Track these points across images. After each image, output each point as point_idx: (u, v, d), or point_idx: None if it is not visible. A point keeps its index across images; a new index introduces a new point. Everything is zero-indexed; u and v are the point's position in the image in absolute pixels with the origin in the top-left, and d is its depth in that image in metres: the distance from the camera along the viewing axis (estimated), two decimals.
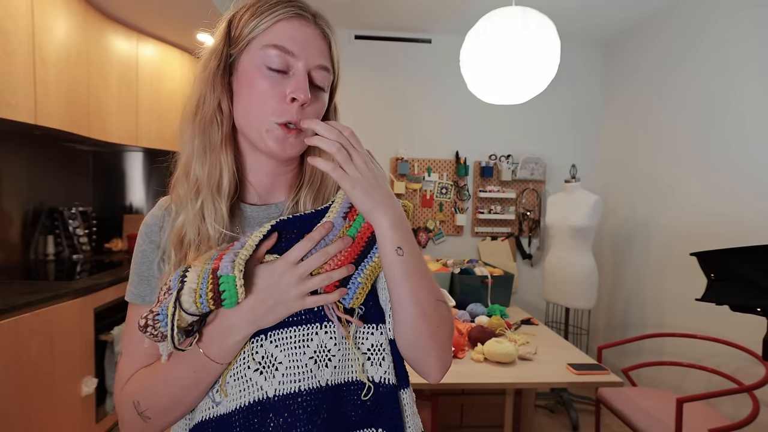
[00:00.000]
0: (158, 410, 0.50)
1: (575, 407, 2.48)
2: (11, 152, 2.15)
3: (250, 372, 0.50)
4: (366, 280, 0.54)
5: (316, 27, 0.55)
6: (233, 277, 0.46)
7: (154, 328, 0.45)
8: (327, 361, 0.52)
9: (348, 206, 0.55)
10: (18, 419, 1.49)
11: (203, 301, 0.46)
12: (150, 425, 0.51)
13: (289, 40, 0.52)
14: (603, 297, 2.96)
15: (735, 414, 1.90)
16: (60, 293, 1.67)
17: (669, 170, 2.42)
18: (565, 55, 2.11)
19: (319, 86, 0.55)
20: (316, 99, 0.55)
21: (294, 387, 0.50)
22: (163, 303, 0.46)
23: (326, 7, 0.56)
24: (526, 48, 1.57)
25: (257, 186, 0.59)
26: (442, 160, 3.04)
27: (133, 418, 0.51)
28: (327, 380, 0.51)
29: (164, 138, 2.76)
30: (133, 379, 0.53)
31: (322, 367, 0.51)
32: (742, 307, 1.42)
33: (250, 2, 0.54)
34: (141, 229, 0.59)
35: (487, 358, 1.58)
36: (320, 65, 0.54)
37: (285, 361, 0.50)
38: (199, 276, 0.47)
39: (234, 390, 0.50)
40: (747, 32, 1.98)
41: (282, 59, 0.52)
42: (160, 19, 2.47)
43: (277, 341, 0.51)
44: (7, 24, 1.65)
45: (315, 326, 0.52)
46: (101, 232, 2.73)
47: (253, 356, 0.50)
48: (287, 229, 0.53)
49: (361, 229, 0.54)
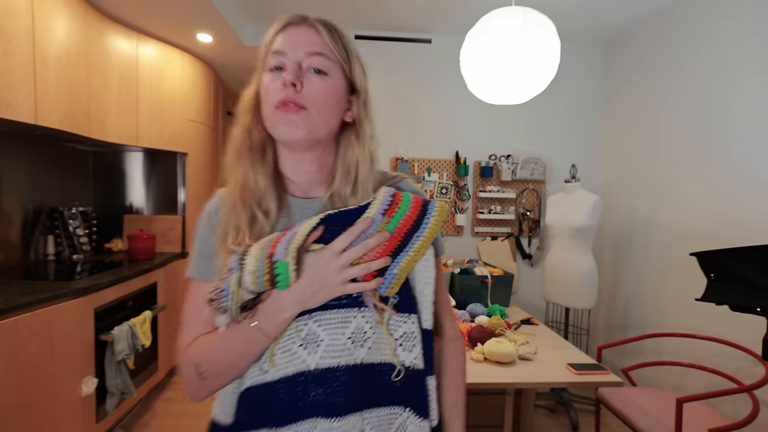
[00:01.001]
0: (214, 372, 0.58)
1: (575, 407, 2.49)
2: (11, 152, 2.15)
3: (296, 347, 0.57)
4: (401, 271, 0.59)
5: (308, 26, 0.61)
6: (287, 263, 0.53)
7: (219, 302, 0.53)
8: (363, 342, 0.58)
9: (387, 204, 0.60)
10: (18, 419, 1.49)
11: (260, 281, 0.53)
12: (207, 384, 0.59)
13: (281, 44, 0.61)
14: (603, 297, 2.96)
15: (735, 414, 1.90)
16: (60, 293, 1.67)
17: (669, 170, 2.42)
18: (565, 55, 2.11)
19: (319, 70, 0.60)
20: (313, 81, 0.59)
21: (333, 362, 0.56)
22: (226, 281, 0.54)
23: (326, 7, 0.57)
24: (526, 48, 1.57)
25: (297, 182, 0.66)
26: (442, 160, 3.04)
27: (193, 377, 0.59)
28: (362, 359, 0.58)
29: (164, 138, 2.76)
30: (194, 345, 0.60)
31: (358, 347, 0.58)
32: (741, 307, 1.42)
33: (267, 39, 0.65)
34: (202, 215, 0.67)
35: (487, 358, 1.59)
36: (311, 52, 0.60)
37: (326, 339, 0.57)
38: (257, 259, 0.54)
39: (280, 361, 0.57)
40: (747, 32, 1.98)
41: (277, 59, 0.60)
42: (160, 19, 2.47)
43: (320, 321, 0.57)
44: (7, 24, 1.65)
45: (354, 310, 0.58)
46: (101, 232, 2.73)
47: (299, 333, 0.57)
48: (332, 222, 0.59)
49: (399, 225, 0.59)
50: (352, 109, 0.65)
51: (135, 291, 2.24)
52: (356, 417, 0.57)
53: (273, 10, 2.71)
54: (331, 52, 0.61)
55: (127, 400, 2.14)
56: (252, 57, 3.14)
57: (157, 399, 2.56)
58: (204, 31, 2.65)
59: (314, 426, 0.56)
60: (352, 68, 0.63)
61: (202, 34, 2.69)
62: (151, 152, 2.92)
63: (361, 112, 0.65)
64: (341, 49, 0.62)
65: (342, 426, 0.55)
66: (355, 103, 0.65)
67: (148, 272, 2.36)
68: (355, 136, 0.65)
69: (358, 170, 0.63)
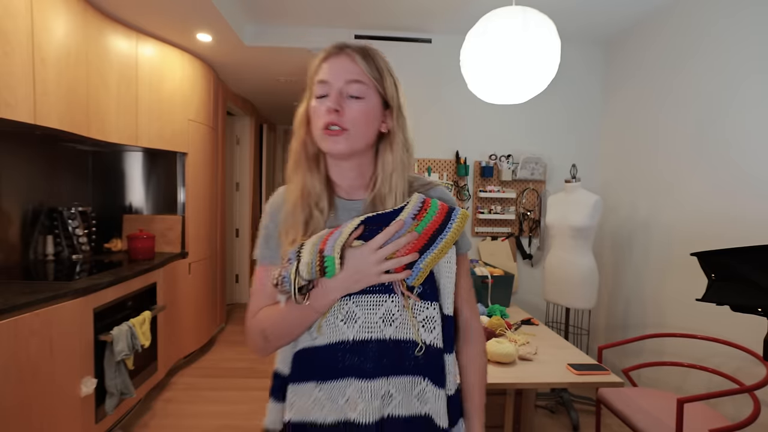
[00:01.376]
0: (276, 337, 0.75)
1: (575, 407, 2.48)
2: (11, 152, 2.15)
3: (338, 321, 0.72)
4: (426, 266, 0.72)
5: (346, 55, 0.72)
6: (333, 257, 0.67)
7: (282, 286, 0.68)
8: (391, 321, 0.72)
9: (417, 209, 0.72)
10: (17, 419, 1.48)
11: (313, 271, 0.67)
12: (269, 345, 0.76)
13: (325, 74, 0.72)
14: (603, 297, 2.96)
15: (736, 414, 1.90)
16: (59, 293, 1.67)
17: (669, 170, 2.42)
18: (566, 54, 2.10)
19: (355, 96, 0.71)
20: (352, 107, 0.71)
21: (366, 336, 0.72)
22: (287, 269, 0.68)
23: (327, 6, 0.57)
24: (526, 48, 1.56)
25: (342, 186, 0.79)
26: (442, 160, 3.03)
27: (259, 339, 0.76)
28: (390, 335, 0.72)
29: (164, 138, 2.75)
30: (260, 314, 0.76)
31: (387, 325, 0.72)
32: (742, 307, 1.41)
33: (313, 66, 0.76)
34: (266, 209, 0.82)
35: (488, 358, 1.58)
36: (349, 80, 0.71)
37: (362, 317, 0.72)
38: (310, 254, 0.68)
39: (326, 331, 0.73)
40: (747, 31, 1.98)
41: (322, 88, 0.72)
42: (160, 19, 2.46)
43: (357, 303, 0.72)
44: (7, 24, 1.65)
45: (385, 296, 0.72)
46: (101, 232, 2.73)
47: (341, 310, 0.72)
48: (370, 223, 0.72)
49: (426, 227, 0.72)
50: (386, 121, 0.76)
51: (134, 291, 2.24)
52: (383, 380, 0.71)
53: (273, 10, 2.71)
54: (366, 77, 0.72)
55: (126, 401, 2.14)
56: (252, 57, 3.15)
57: (156, 399, 2.55)
58: (204, 30, 2.64)
59: (349, 384, 0.71)
60: (385, 87, 0.74)
61: (202, 33, 2.69)
62: (150, 152, 2.92)
63: (394, 124, 0.76)
64: (375, 71, 0.73)
65: (371, 386, 0.71)
66: (389, 116, 0.76)
67: (147, 272, 2.36)
68: (390, 145, 0.76)
69: (392, 175, 0.75)
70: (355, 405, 0.71)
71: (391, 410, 0.72)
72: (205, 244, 3.29)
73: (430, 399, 0.73)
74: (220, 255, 3.74)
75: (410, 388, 0.73)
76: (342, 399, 0.72)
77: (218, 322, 3.73)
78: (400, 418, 0.72)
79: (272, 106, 4.86)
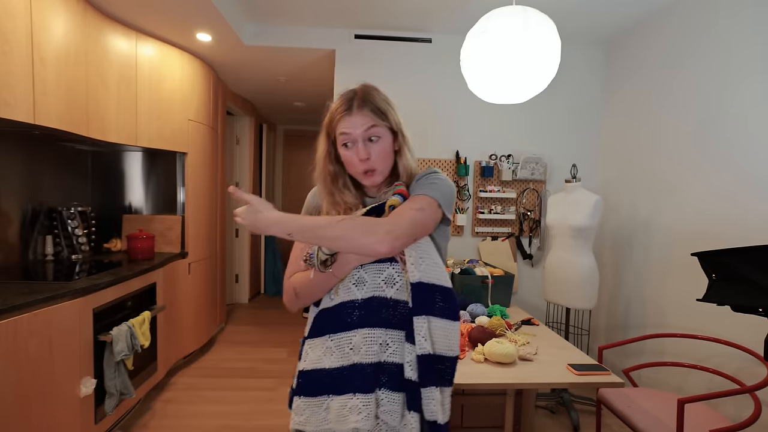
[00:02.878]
0: (304, 294, 0.96)
1: (576, 408, 2.48)
2: (10, 152, 2.14)
3: (350, 284, 0.91)
4: None
5: (358, 110, 0.93)
6: None
7: (309, 261, 0.91)
8: (393, 284, 0.90)
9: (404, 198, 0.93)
10: (17, 420, 1.48)
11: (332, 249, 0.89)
12: (299, 301, 0.97)
13: (345, 127, 0.94)
14: (604, 297, 2.95)
15: (736, 415, 1.89)
16: (59, 293, 1.67)
17: (670, 170, 2.41)
18: (566, 54, 2.11)
19: (374, 138, 0.94)
20: (374, 147, 0.94)
21: (372, 294, 0.90)
22: (312, 248, 0.91)
23: (326, 6, 0.56)
24: (526, 47, 1.56)
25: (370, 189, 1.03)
26: (442, 160, 3.03)
27: (292, 296, 0.97)
28: (391, 296, 0.90)
29: (163, 137, 2.75)
30: (294, 277, 0.98)
31: (389, 287, 0.90)
32: (743, 307, 1.41)
33: (328, 113, 0.99)
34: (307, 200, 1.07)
35: (488, 358, 1.58)
36: (365, 130, 0.93)
37: (369, 280, 0.91)
38: None
39: (342, 293, 0.92)
40: (748, 31, 1.97)
41: (346, 137, 0.94)
42: (160, 19, 2.46)
43: (366, 269, 0.91)
44: (6, 23, 1.64)
45: (387, 263, 0.91)
46: (100, 232, 2.73)
47: (353, 277, 0.91)
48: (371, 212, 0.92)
49: None
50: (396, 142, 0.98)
51: (134, 291, 2.24)
52: (382, 331, 0.89)
53: (273, 10, 2.70)
54: (378, 122, 0.94)
55: (126, 401, 2.13)
56: (251, 56, 3.15)
57: (156, 400, 2.55)
58: (203, 30, 2.64)
59: (356, 333, 0.89)
60: (390, 122, 0.96)
61: (202, 33, 2.68)
62: (150, 152, 2.92)
63: (401, 142, 0.98)
64: (383, 114, 0.94)
65: (372, 333, 0.88)
66: (397, 139, 0.98)
67: (147, 272, 2.36)
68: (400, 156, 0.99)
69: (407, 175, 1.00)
70: (359, 350, 0.88)
71: (386, 357, 0.88)
72: (205, 244, 3.29)
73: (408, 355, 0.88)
74: (219, 255, 3.74)
75: (401, 339, 0.89)
76: (348, 347, 0.90)
77: (218, 322, 3.73)
78: (393, 364, 0.88)
79: (272, 106, 4.86)
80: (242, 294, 4.77)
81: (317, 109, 5.15)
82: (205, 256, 3.29)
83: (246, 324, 4.08)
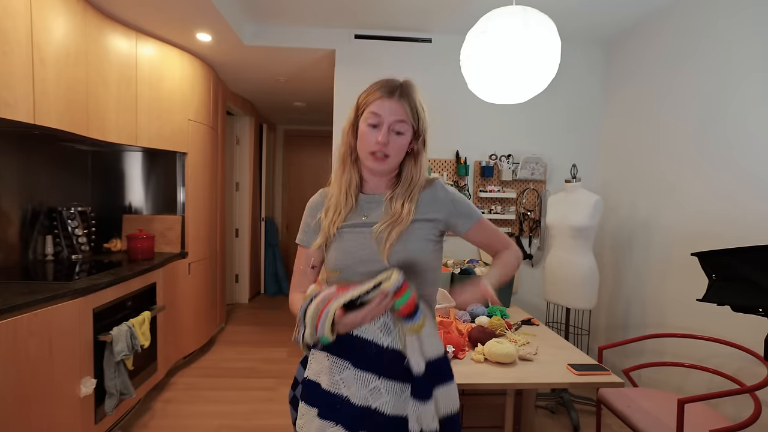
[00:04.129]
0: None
1: (576, 408, 2.48)
2: (10, 152, 2.14)
3: None
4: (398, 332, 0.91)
5: (398, 100, 0.95)
6: (325, 338, 0.86)
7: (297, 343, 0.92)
8: (388, 332, 0.90)
9: (396, 288, 0.85)
10: (17, 420, 1.48)
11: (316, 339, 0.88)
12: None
13: (379, 109, 0.94)
14: (604, 297, 2.95)
15: (736, 415, 1.89)
16: (59, 293, 1.67)
17: (670, 170, 2.41)
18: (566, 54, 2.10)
19: (398, 132, 0.95)
20: (395, 140, 0.95)
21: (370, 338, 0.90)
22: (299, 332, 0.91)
23: (326, 6, 0.56)
24: (526, 47, 1.56)
25: (369, 184, 1.04)
26: (442, 160, 3.03)
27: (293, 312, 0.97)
28: (388, 344, 0.89)
29: (163, 137, 2.75)
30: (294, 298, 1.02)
31: (385, 334, 0.90)
32: (743, 307, 1.41)
33: (368, 88, 0.99)
34: (309, 203, 1.08)
35: (488, 358, 1.58)
36: (396, 120, 0.94)
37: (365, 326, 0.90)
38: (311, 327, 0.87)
39: None
40: (748, 31, 1.97)
41: (375, 118, 0.95)
42: (160, 19, 2.46)
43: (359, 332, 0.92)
44: (6, 23, 1.64)
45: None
46: (100, 232, 2.73)
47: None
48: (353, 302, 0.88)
49: (401, 308, 0.87)
50: (413, 143, 0.99)
51: (134, 291, 2.24)
52: (373, 376, 0.88)
53: (272, 10, 2.70)
54: (409, 118, 0.95)
55: (126, 401, 2.13)
56: (251, 56, 3.15)
57: (156, 400, 2.55)
58: (203, 30, 2.64)
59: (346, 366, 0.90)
60: (419, 123, 0.97)
61: (202, 33, 2.68)
62: (150, 152, 2.92)
63: (420, 147, 1.00)
64: (414, 113, 0.96)
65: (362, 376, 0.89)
66: (416, 141, 0.99)
67: (147, 272, 2.36)
68: (414, 161, 1.00)
69: (412, 181, 0.99)
70: (349, 386, 0.89)
71: (378, 405, 0.87)
72: (205, 244, 3.29)
73: (410, 406, 0.88)
74: (219, 255, 3.74)
75: (399, 392, 0.88)
76: (339, 375, 0.91)
77: (218, 322, 3.73)
78: (384, 414, 0.86)
79: (272, 106, 4.85)
80: (242, 294, 4.77)
81: (317, 109, 5.14)
82: (205, 256, 3.29)
83: (246, 324, 4.08)
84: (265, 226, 5.16)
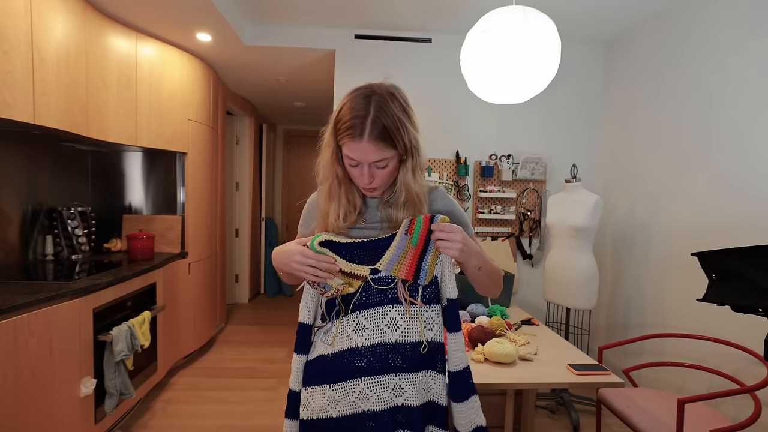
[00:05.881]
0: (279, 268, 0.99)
1: (576, 408, 2.48)
2: (10, 152, 2.14)
3: (349, 332, 0.90)
4: (429, 266, 0.90)
5: (368, 140, 0.85)
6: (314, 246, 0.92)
7: (319, 288, 0.92)
8: (396, 327, 0.89)
9: (406, 227, 0.90)
10: (16, 420, 1.48)
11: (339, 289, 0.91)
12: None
13: (352, 152, 0.88)
14: (604, 297, 2.95)
15: (736, 415, 1.89)
16: (59, 293, 1.67)
17: (670, 170, 2.41)
18: (566, 54, 2.10)
19: (380, 167, 0.89)
20: (378, 174, 0.91)
21: (374, 341, 0.88)
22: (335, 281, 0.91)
23: (326, 6, 0.56)
24: (526, 47, 1.56)
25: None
26: (442, 159, 3.03)
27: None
28: (396, 339, 0.89)
29: (163, 137, 2.75)
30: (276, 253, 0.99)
31: (393, 331, 0.89)
32: (743, 307, 1.41)
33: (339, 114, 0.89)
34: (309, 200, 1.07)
35: (488, 358, 1.58)
36: (373, 162, 0.88)
37: (370, 327, 0.89)
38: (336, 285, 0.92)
39: (340, 341, 0.90)
40: (748, 32, 1.97)
41: (353, 161, 0.89)
42: (160, 19, 2.46)
43: (366, 315, 0.90)
44: (6, 23, 1.64)
45: (389, 306, 0.90)
46: (100, 232, 2.73)
47: (351, 323, 0.90)
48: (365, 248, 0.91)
49: (418, 238, 0.89)
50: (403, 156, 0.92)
51: (134, 291, 2.24)
52: (390, 376, 0.88)
53: (273, 10, 2.70)
54: (385, 151, 0.87)
55: (126, 401, 2.13)
56: (251, 56, 3.15)
57: (156, 400, 2.55)
58: (203, 30, 2.64)
59: (359, 382, 0.87)
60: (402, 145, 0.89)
61: (202, 33, 2.68)
62: (150, 152, 2.91)
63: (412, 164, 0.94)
64: (393, 140, 0.87)
65: (379, 380, 0.87)
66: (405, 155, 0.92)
67: (147, 272, 2.36)
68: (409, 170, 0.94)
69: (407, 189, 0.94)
70: (368, 397, 0.87)
71: (404, 400, 0.88)
72: (205, 244, 3.29)
73: (433, 386, 0.90)
74: (219, 255, 3.74)
75: (419, 381, 0.89)
76: (353, 395, 0.88)
77: (218, 322, 3.73)
78: (413, 407, 0.88)
79: (272, 106, 4.86)
80: (242, 294, 4.77)
81: (317, 109, 5.13)
82: (205, 256, 3.29)
83: (246, 324, 4.08)
84: (265, 226, 5.16)
